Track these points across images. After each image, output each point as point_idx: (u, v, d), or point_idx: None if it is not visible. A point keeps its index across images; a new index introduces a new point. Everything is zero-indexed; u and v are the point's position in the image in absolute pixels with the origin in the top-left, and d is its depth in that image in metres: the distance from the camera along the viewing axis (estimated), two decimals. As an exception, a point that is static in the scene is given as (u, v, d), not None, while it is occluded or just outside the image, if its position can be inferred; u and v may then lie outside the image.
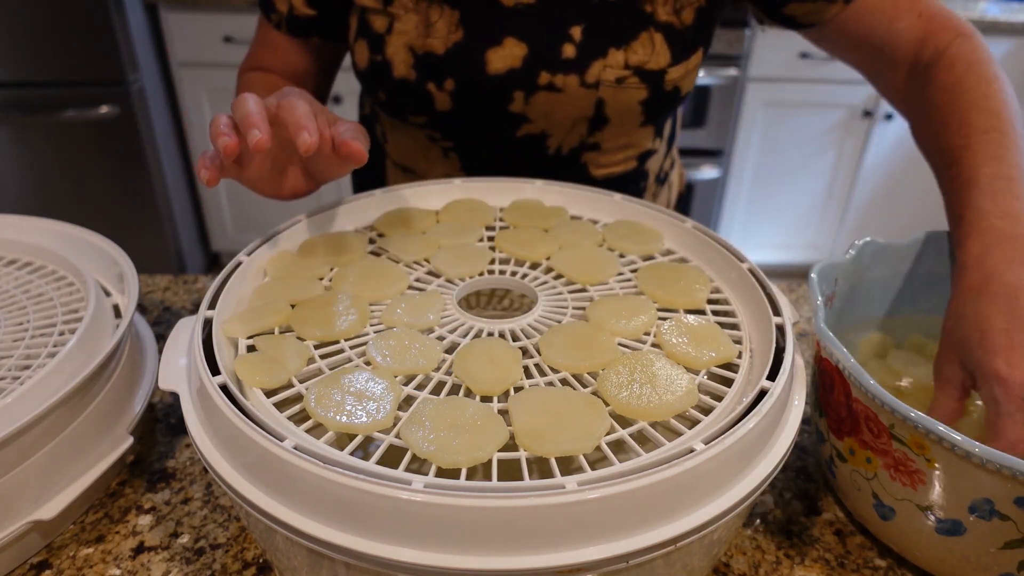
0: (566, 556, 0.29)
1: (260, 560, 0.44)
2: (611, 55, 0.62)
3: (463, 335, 0.41)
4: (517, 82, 0.63)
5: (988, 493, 0.35)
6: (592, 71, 0.62)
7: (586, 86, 0.63)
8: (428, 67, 0.62)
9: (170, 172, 1.96)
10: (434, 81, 0.63)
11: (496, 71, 0.62)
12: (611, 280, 0.47)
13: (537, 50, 0.62)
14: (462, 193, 0.57)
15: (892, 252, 0.52)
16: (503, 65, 0.62)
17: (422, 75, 0.63)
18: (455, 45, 0.61)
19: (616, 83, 0.63)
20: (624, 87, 0.63)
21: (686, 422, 0.35)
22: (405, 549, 0.29)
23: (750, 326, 0.43)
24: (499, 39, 0.61)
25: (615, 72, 0.62)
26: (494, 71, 0.62)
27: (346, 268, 0.47)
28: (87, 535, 0.45)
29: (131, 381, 0.50)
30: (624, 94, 0.64)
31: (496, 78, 0.62)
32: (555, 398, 0.35)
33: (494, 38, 0.61)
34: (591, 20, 0.62)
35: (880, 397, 0.37)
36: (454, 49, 0.61)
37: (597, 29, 0.62)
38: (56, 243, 0.59)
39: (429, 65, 0.62)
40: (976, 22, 1.92)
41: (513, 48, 0.61)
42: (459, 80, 0.63)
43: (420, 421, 0.34)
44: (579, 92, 0.63)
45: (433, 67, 0.62)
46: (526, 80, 0.63)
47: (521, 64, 0.62)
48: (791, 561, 0.44)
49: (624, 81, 0.63)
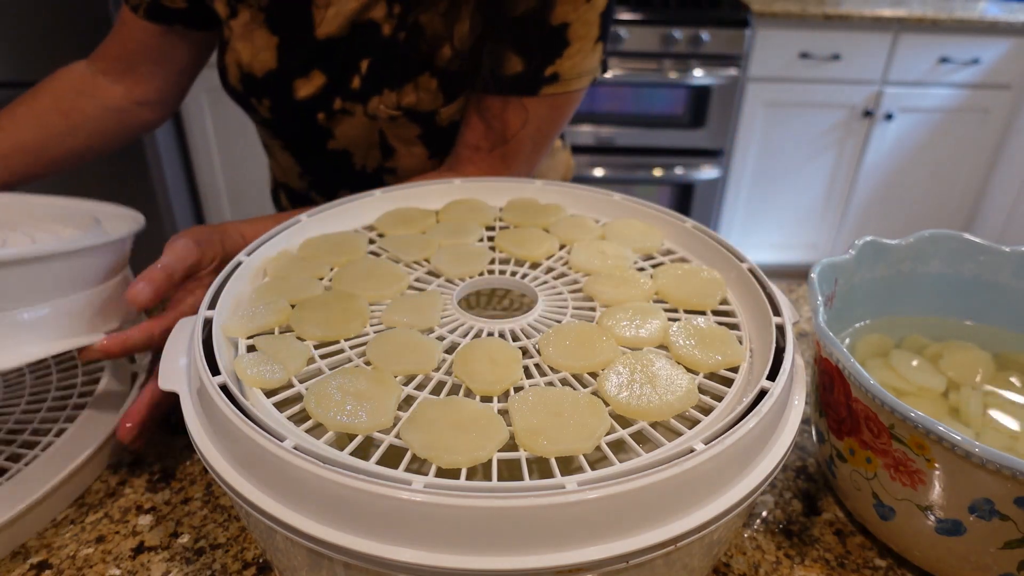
0: (566, 556, 0.29)
1: (260, 560, 0.44)
2: (386, 94, 0.68)
3: (463, 335, 0.41)
4: (318, 105, 0.70)
5: (988, 493, 0.35)
6: (371, 104, 0.69)
7: (368, 116, 0.70)
8: (249, 84, 0.70)
9: (170, 172, 1.96)
10: (255, 97, 0.71)
11: (302, 97, 0.70)
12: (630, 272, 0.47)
13: (333, 79, 0.69)
14: (462, 193, 0.57)
15: (892, 252, 0.52)
16: (307, 92, 0.70)
17: (246, 90, 0.71)
18: (269, 72, 0.69)
19: (389, 120, 0.70)
20: (397, 124, 0.70)
21: (686, 422, 0.35)
22: (405, 549, 0.29)
23: (750, 326, 0.43)
24: (307, 71, 0.69)
25: (387, 111, 0.69)
26: (300, 97, 0.70)
27: (346, 268, 0.47)
28: (87, 535, 0.45)
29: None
30: (400, 130, 0.71)
31: (302, 102, 0.70)
32: (555, 398, 0.35)
33: (302, 69, 0.69)
34: (377, 56, 0.67)
35: (880, 397, 0.37)
36: (268, 76, 0.69)
37: (379, 67, 0.68)
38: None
39: (250, 83, 0.70)
40: (976, 22, 1.92)
41: (316, 79, 0.69)
42: (273, 100, 0.71)
43: (420, 421, 0.33)
44: (364, 121, 0.71)
45: (253, 85, 0.70)
46: (325, 104, 0.70)
47: (320, 91, 0.70)
48: (791, 561, 0.44)
49: (396, 119, 0.70)
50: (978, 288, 0.53)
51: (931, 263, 0.53)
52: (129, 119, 0.75)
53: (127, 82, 0.73)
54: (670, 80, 1.92)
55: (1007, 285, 0.52)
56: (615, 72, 1.92)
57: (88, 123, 0.72)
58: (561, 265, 0.49)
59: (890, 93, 2.03)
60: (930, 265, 0.53)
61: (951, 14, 1.92)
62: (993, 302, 0.53)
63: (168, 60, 0.74)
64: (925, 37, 1.96)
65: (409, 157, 0.74)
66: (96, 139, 0.73)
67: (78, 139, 0.71)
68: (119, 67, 0.73)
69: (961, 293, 0.53)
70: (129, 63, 0.73)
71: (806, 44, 1.95)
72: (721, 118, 2.01)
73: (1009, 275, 0.52)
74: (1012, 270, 0.51)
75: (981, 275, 0.52)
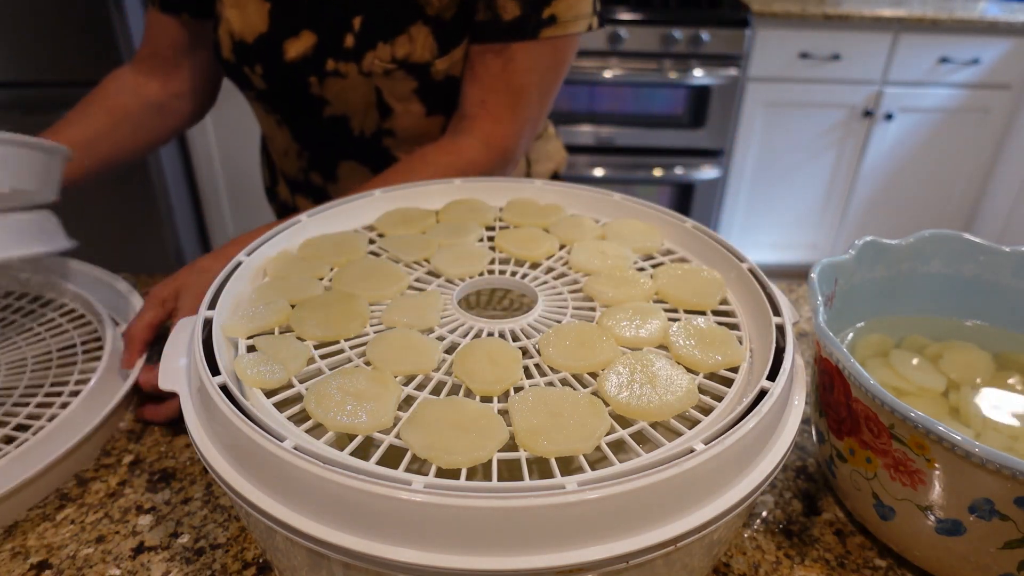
0: (566, 556, 0.29)
1: (260, 560, 0.44)
2: (379, 47, 0.69)
3: (463, 335, 0.41)
4: (309, 68, 0.71)
5: (988, 493, 0.35)
6: (366, 61, 0.70)
7: (363, 74, 0.70)
8: (242, 52, 0.72)
9: (170, 172, 1.96)
10: (247, 65, 0.73)
11: (291, 59, 0.71)
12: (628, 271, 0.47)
13: (324, 39, 0.70)
14: (462, 193, 0.57)
15: (892, 252, 0.52)
16: (296, 53, 0.70)
17: (238, 59, 0.73)
18: (260, 36, 0.71)
19: (385, 74, 0.70)
20: (393, 78, 0.70)
21: (686, 422, 0.35)
22: (405, 549, 0.29)
23: (750, 326, 0.43)
24: (297, 31, 0.70)
25: (383, 65, 0.69)
26: (290, 59, 0.71)
27: (346, 268, 0.47)
28: (87, 535, 0.45)
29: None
30: (396, 85, 0.71)
31: (292, 64, 0.71)
32: (555, 398, 0.35)
33: (292, 30, 0.70)
34: (368, 12, 0.69)
35: (880, 397, 0.37)
36: (259, 39, 0.71)
37: (372, 21, 0.69)
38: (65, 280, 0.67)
39: (243, 51, 0.72)
40: (976, 22, 1.92)
41: (307, 38, 0.70)
42: (264, 65, 0.72)
43: (420, 421, 0.33)
44: (359, 79, 0.71)
45: (245, 53, 0.72)
46: (316, 66, 0.71)
47: (311, 52, 0.70)
48: (791, 561, 0.44)
49: (391, 74, 0.70)
50: (978, 288, 0.53)
51: (931, 263, 0.53)
52: (168, 112, 0.81)
53: (161, 77, 0.79)
54: (670, 80, 1.92)
55: (1007, 285, 0.52)
56: (615, 72, 1.92)
57: (130, 118, 0.77)
58: (561, 265, 0.49)
59: (890, 93, 2.03)
60: (930, 265, 0.53)
61: (951, 14, 1.92)
62: (993, 302, 0.53)
63: (191, 51, 0.79)
64: (925, 37, 1.95)
65: (407, 116, 0.74)
66: (141, 134, 0.79)
67: (123, 134, 0.77)
68: (152, 64, 0.78)
69: (961, 293, 0.53)
70: (160, 58, 0.78)
71: (806, 44, 1.95)
72: (721, 118, 2.01)
73: (1009, 275, 0.52)
74: (1012, 270, 0.51)
75: (981, 275, 0.52)
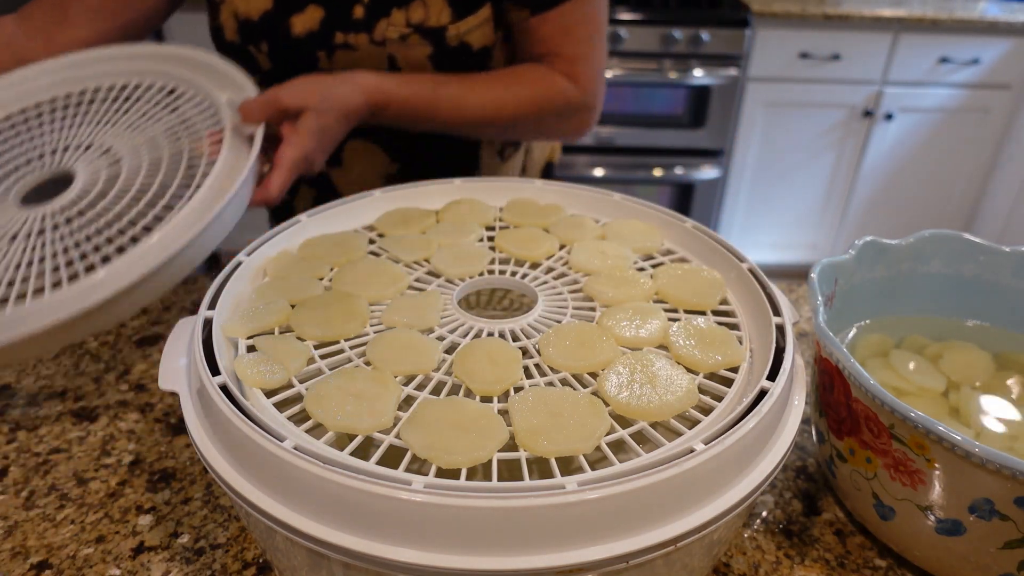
0: (566, 556, 0.29)
1: (260, 560, 0.44)
2: (394, 14, 0.69)
3: (463, 335, 0.41)
4: (317, 43, 0.71)
5: (988, 493, 0.35)
6: (379, 29, 0.70)
7: (375, 44, 0.70)
8: (247, 31, 0.72)
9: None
10: (253, 44, 0.72)
11: (298, 34, 0.71)
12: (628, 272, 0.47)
13: (332, 12, 0.70)
14: (462, 193, 0.57)
15: (892, 252, 0.52)
16: (303, 28, 0.70)
17: (243, 39, 0.72)
18: (265, 12, 0.71)
19: (400, 40, 0.70)
20: (408, 44, 0.70)
21: (686, 422, 0.35)
22: (405, 549, 0.29)
23: (750, 326, 0.43)
24: (302, 6, 0.70)
25: (398, 30, 0.69)
26: (296, 34, 0.71)
27: (346, 268, 0.47)
28: (87, 535, 0.45)
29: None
30: (410, 51, 0.71)
31: (299, 39, 0.71)
32: (555, 398, 0.35)
33: (298, 5, 0.70)
34: None
35: (880, 397, 0.37)
36: (264, 17, 0.71)
37: None
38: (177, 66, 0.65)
39: (248, 30, 0.72)
40: (976, 22, 1.92)
41: (313, 12, 0.70)
42: (271, 43, 0.72)
43: (420, 421, 0.34)
44: (371, 50, 0.71)
45: (251, 31, 0.72)
46: (324, 40, 0.71)
47: (319, 26, 0.70)
48: (791, 561, 0.44)
49: (407, 39, 0.70)
50: (978, 288, 0.53)
51: (931, 263, 0.53)
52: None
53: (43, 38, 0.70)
54: (670, 80, 1.92)
55: (1007, 285, 0.52)
56: (615, 72, 1.92)
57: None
58: (561, 265, 0.49)
59: (890, 93, 2.03)
60: (930, 265, 0.53)
61: (951, 14, 1.92)
62: (993, 302, 0.53)
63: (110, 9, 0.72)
64: (925, 37, 1.96)
65: None
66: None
67: None
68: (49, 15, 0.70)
69: (961, 293, 0.53)
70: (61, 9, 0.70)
71: (806, 44, 1.95)
72: (721, 118, 2.01)
73: (1009, 275, 0.52)
74: (1012, 270, 0.51)
75: (981, 275, 0.52)
